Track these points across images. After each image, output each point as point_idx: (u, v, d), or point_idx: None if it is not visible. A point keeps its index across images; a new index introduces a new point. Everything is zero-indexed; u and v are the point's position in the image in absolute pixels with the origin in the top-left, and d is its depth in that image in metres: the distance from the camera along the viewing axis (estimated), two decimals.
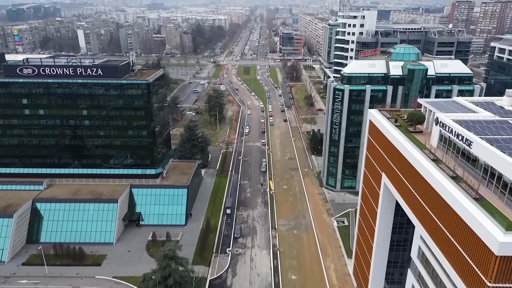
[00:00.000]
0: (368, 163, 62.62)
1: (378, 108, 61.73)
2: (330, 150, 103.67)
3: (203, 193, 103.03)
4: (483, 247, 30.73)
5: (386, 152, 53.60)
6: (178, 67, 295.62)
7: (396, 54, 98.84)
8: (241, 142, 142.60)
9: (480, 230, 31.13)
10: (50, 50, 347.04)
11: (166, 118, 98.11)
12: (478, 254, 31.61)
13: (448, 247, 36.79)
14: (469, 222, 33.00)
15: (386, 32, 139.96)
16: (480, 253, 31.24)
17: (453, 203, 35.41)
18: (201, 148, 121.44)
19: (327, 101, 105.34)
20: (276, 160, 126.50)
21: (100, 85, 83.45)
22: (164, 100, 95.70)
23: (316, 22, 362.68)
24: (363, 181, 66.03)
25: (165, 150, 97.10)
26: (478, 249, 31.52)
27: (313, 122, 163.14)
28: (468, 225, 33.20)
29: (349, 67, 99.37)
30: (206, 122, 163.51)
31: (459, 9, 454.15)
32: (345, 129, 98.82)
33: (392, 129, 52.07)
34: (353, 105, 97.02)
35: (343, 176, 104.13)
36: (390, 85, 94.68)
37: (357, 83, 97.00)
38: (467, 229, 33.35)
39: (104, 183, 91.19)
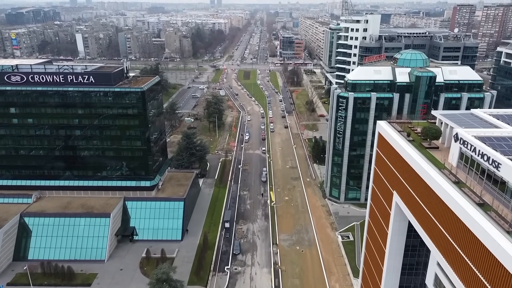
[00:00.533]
0: (377, 179, 58.16)
1: (388, 120, 57.39)
2: (334, 159, 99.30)
3: (201, 205, 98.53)
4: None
5: (398, 169, 49.18)
6: (177, 71, 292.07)
7: (403, 60, 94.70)
8: (241, 150, 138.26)
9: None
10: (48, 54, 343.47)
11: (162, 127, 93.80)
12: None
13: (471, 279, 32.46)
14: (500, 257, 28.66)
15: (390, 36, 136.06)
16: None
17: (481, 234, 31.01)
18: (199, 156, 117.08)
19: (330, 108, 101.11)
20: (277, 169, 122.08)
21: (92, 93, 79.24)
22: (160, 108, 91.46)
23: (317, 26, 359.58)
24: (371, 198, 61.53)
25: (161, 160, 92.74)
26: (508, 284, 27.25)
27: (314, 129, 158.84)
28: (499, 260, 28.87)
29: (354, 73, 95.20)
30: (205, 129, 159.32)
31: (460, 13, 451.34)
32: (349, 138, 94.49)
33: (404, 144, 47.68)
34: (357, 113, 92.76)
35: (347, 187, 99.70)
36: (396, 93, 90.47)
37: (362, 91, 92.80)
38: (496, 264, 29.01)
39: (97, 195, 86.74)
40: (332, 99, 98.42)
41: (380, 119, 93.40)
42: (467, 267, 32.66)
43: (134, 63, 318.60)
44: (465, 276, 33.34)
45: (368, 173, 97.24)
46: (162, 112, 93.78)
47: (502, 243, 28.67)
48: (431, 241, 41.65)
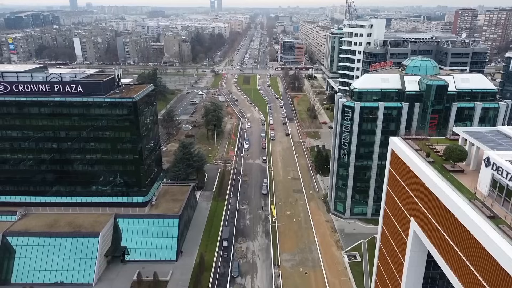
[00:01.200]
0: (390, 201, 52.62)
1: (402, 136, 51.93)
2: (338, 172, 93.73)
3: (198, 220, 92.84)
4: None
5: (417, 194, 43.64)
6: (176, 76, 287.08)
7: (412, 67, 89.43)
8: (240, 159, 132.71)
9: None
10: (45, 59, 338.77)
11: (156, 138, 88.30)
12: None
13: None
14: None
15: (395, 42, 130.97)
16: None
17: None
18: (196, 168, 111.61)
19: (335, 118, 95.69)
20: (278, 180, 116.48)
21: (80, 104, 73.84)
22: (154, 118, 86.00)
23: (318, 30, 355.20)
24: (383, 221, 55.99)
25: (155, 173, 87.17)
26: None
27: (317, 137, 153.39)
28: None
29: (360, 81, 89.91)
30: (203, 137, 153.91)
31: (462, 17, 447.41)
32: (355, 150, 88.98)
33: (424, 166, 42.20)
34: (364, 124, 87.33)
35: (353, 200, 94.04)
36: (405, 102, 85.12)
37: (369, 100, 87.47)
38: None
39: (86, 212, 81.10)
40: (337, 108, 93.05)
41: (388, 129, 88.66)
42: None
43: (133, 68, 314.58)
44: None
45: (375, 186, 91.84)
46: (156, 122, 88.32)
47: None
48: (456, 278, 36.20)
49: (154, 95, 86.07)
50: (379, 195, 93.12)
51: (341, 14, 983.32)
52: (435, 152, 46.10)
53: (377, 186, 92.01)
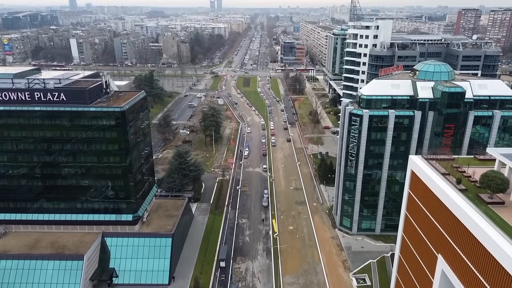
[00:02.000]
0: (411, 231, 45.99)
1: (424, 156, 45.34)
2: (345, 185, 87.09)
3: (193, 237, 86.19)
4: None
5: (446, 228, 37.05)
6: (175, 78, 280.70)
7: (424, 72, 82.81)
8: (240, 167, 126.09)
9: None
10: (40, 60, 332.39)
11: (147, 149, 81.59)
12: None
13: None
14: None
15: (403, 44, 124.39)
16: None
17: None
18: (193, 178, 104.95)
19: (341, 126, 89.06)
20: (280, 190, 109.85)
21: (62, 114, 67.23)
22: (145, 128, 79.34)
23: (319, 30, 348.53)
24: (401, 250, 49.40)
25: (146, 187, 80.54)
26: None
27: (319, 143, 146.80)
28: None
29: (368, 87, 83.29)
30: (201, 142, 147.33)
31: (465, 17, 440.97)
32: (363, 161, 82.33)
33: (455, 196, 35.60)
34: (373, 134, 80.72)
35: (361, 215, 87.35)
36: (418, 110, 78.52)
37: (378, 107, 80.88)
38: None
39: (71, 230, 74.50)
40: (343, 116, 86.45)
41: (399, 139, 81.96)
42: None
43: (130, 69, 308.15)
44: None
45: (384, 200, 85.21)
46: (148, 131, 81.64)
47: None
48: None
49: (146, 102, 79.30)
50: (388, 210, 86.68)
51: (342, 14, 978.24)
52: (466, 177, 39.51)
53: (386, 200, 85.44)
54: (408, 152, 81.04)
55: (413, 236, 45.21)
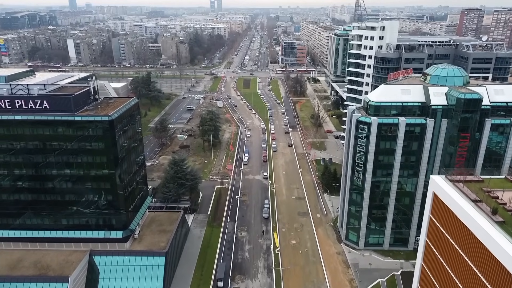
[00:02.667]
0: (432, 261, 40.45)
1: (448, 176, 39.81)
2: (351, 197, 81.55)
3: (189, 253, 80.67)
4: None
5: (479, 265, 31.52)
6: (173, 79, 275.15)
7: (437, 77, 77.29)
8: (239, 175, 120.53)
9: None
10: (37, 61, 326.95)
11: (139, 159, 76.00)
12: None
13: None
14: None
15: (410, 46, 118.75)
16: None
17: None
18: (189, 187, 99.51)
19: (347, 135, 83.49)
20: (281, 200, 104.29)
21: (45, 123, 61.71)
22: (137, 137, 73.82)
23: (320, 31, 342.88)
24: (420, 280, 43.82)
25: (138, 201, 75.02)
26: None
27: (322, 148, 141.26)
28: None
29: (376, 93, 77.73)
30: (199, 148, 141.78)
31: (468, 17, 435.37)
32: (371, 173, 76.78)
33: (491, 230, 30.10)
34: (382, 143, 75.18)
35: (368, 227, 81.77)
36: (430, 118, 72.98)
37: (387, 115, 75.40)
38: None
39: (56, 248, 68.98)
40: (349, 124, 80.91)
41: (409, 149, 76.37)
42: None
43: (128, 70, 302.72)
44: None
45: (394, 213, 79.68)
46: (140, 140, 76.10)
47: None
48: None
49: (138, 108, 73.79)
50: (397, 223, 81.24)
51: (342, 14, 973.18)
52: (500, 204, 33.97)
53: (395, 213, 79.97)
54: (420, 162, 75.69)
55: (435, 268, 39.71)
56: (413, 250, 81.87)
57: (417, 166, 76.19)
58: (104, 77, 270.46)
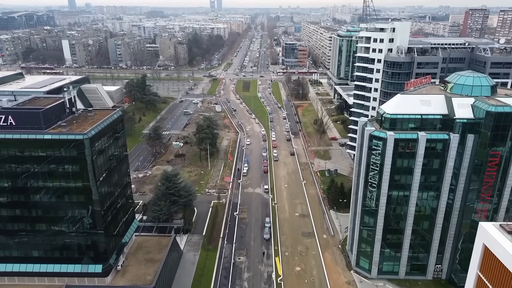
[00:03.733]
0: None
1: (504, 225, 30.97)
2: (363, 220, 72.75)
3: (182, 281, 71.85)
4: None
5: None
6: (170, 81, 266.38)
7: (461, 86, 68.52)
8: (238, 188, 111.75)
9: None
10: (31, 62, 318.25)
11: (123, 180, 67.11)
12: None
13: None
14: None
15: (422, 49, 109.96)
16: None
17: None
18: (183, 204, 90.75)
19: (357, 149, 74.64)
20: (284, 218, 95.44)
21: (9, 143, 52.87)
22: (120, 155, 64.95)
23: (322, 31, 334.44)
24: None
25: (122, 227, 66.24)
26: None
27: (326, 157, 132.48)
28: None
29: (393, 104, 68.92)
30: (196, 157, 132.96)
31: (473, 17, 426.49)
32: (386, 194, 68.02)
33: None
34: (398, 161, 66.42)
35: (382, 253, 72.98)
36: (454, 133, 64.20)
37: (404, 129, 66.70)
38: None
39: (27, 283, 60.22)
40: (361, 138, 72.08)
41: (430, 167, 67.36)
42: None
43: (124, 72, 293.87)
44: None
45: (411, 238, 70.90)
46: (124, 158, 67.26)
47: None
48: None
49: (122, 122, 64.96)
50: (415, 249, 72.45)
51: (343, 14, 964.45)
52: None
53: (413, 238, 71.22)
54: (441, 183, 66.95)
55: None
56: (432, 279, 73.36)
57: (439, 186, 67.47)
58: (99, 79, 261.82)
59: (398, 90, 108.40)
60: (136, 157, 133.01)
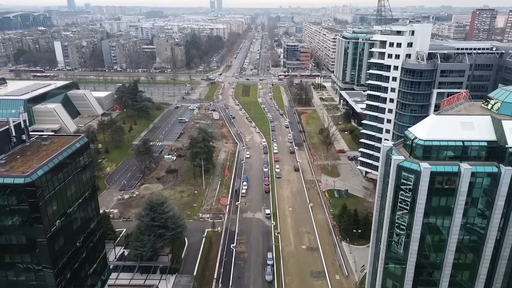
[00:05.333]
0: None
1: None
2: (387, 268, 59.37)
3: None
4: None
5: None
6: (166, 85, 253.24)
7: (510, 105, 55.22)
8: (236, 212, 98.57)
9: None
10: (21, 65, 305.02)
11: (87, 226, 53.65)
12: None
13: None
14: None
15: (446, 54, 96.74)
16: None
17: None
18: (171, 238, 77.46)
19: (380, 180, 61.19)
20: (289, 252, 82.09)
21: None
22: (84, 192, 51.51)
23: (325, 32, 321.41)
24: None
25: (88, 281, 52.79)
26: None
27: (335, 174, 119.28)
28: None
29: (426, 127, 55.55)
30: (189, 173, 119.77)
31: (480, 18, 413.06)
32: (418, 239, 54.69)
33: None
34: (434, 199, 53.11)
35: None
36: (507, 165, 50.90)
37: (441, 158, 53.39)
38: None
39: None
40: (384, 168, 58.72)
41: (474, 208, 54.21)
42: None
43: (118, 75, 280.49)
44: None
45: None
46: (92, 195, 53.86)
47: None
48: None
49: (88, 149, 51.60)
50: None
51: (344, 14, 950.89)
52: None
53: None
54: (488, 226, 53.62)
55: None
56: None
57: (484, 231, 54.17)
58: (91, 83, 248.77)
59: (418, 102, 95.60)
60: (123, 174, 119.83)
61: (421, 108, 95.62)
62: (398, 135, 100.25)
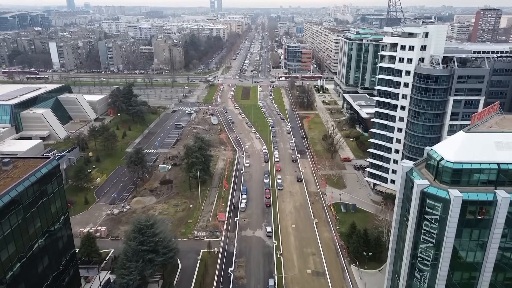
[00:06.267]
0: None
1: None
2: None
3: None
4: None
5: None
6: (163, 88, 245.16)
7: None
8: (234, 229, 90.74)
9: None
10: (14, 66, 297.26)
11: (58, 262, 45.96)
12: None
13: None
14: None
15: (462, 58, 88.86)
16: None
17: None
18: (162, 263, 69.69)
19: (398, 205, 53.38)
20: (292, 278, 74.17)
21: None
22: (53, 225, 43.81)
23: (327, 33, 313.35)
24: None
25: None
26: None
27: (340, 185, 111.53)
28: None
29: (455, 147, 47.80)
30: (185, 184, 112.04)
31: (484, 18, 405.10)
32: (446, 276, 46.97)
33: None
34: (465, 231, 45.43)
35: None
36: None
37: (473, 183, 45.71)
38: None
39: None
40: (403, 191, 51.00)
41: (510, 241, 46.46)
42: None
43: (114, 77, 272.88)
44: None
45: None
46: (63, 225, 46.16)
47: None
48: None
49: (59, 175, 43.90)
50: None
51: (345, 14, 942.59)
52: None
53: None
54: None
55: None
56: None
57: None
58: (86, 85, 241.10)
59: (432, 110, 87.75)
60: (114, 185, 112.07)
61: (436, 116, 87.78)
62: (409, 146, 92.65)
